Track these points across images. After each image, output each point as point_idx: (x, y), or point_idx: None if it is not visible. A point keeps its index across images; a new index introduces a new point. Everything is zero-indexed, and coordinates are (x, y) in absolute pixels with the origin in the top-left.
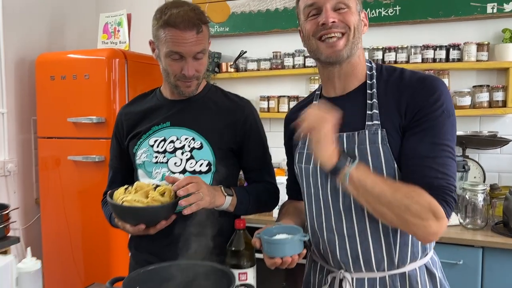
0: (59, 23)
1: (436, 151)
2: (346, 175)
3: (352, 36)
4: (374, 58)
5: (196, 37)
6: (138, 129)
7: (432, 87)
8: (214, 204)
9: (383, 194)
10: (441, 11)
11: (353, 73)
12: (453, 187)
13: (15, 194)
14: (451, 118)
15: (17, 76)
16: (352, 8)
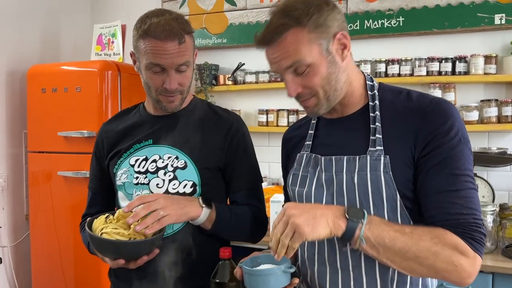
0: (53, 34)
1: (458, 184)
2: (362, 240)
3: (323, 94)
4: (377, 71)
5: (178, 48)
6: (118, 147)
7: (444, 113)
8: (188, 216)
9: (406, 248)
10: (447, 22)
11: (350, 102)
12: (480, 222)
13: (4, 210)
14: (468, 145)
15: (8, 88)
16: (314, 62)
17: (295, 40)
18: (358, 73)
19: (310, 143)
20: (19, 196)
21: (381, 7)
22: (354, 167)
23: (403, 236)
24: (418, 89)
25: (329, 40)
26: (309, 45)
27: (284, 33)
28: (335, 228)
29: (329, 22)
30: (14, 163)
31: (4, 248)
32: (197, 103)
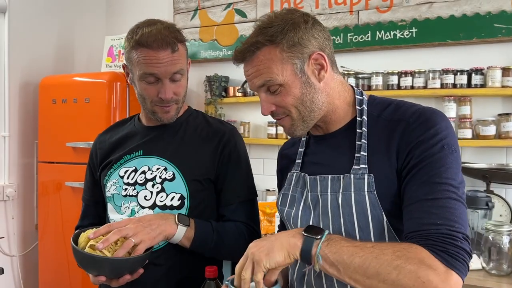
0: (68, 46)
1: (436, 192)
2: (318, 257)
3: (297, 114)
4: (389, 83)
5: (171, 56)
6: (110, 158)
7: (429, 121)
8: (163, 235)
9: (366, 263)
10: (462, 33)
11: (333, 119)
12: (460, 235)
13: (13, 219)
14: (454, 155)
15: (21, 99)
16: (286, 82)
17: (267, 58)
18: (344, 90)
19: (300, 162)
20: (29, 206)
21: (394, 17)
22: (339, 187)
23: (363, 250)
24: (432, 102)
25: (304, 60)
26: (281, 64)
27: (257, 51)
28: (291, 247)
29: (305, 42)
30: (25, 173)
31: (13, 258)
32: (191, 113)
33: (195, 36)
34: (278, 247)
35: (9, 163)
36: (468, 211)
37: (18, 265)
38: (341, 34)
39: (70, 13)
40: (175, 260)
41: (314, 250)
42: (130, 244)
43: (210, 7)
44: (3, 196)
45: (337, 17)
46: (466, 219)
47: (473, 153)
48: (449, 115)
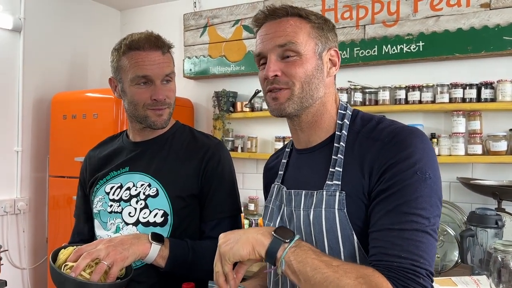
0: (81, 63)
1: (403, 223)
2: (282, 262)
3: (300, 90)
4: (397, 97)
5: (162, 58)
6: (97, 174)
7: (404, 141)
8: (136, 255)
9: (327, 282)
10: (470, 46)
11: (318, 124)
12: (424, 271)
13: (24, 232)
14: (428, 182)
15: (34, 115)
16: (305, 55)
17: (297, 26)
18: (334, 101)
19: (282, 173)
20: (41, 220)
21: (400, 31)
22: (311, 203)
23: (328, 268)
24: (441, 117)
25: (325, 48)
26: (308, 37)
27: (289, 16)
28: (257, 244)
29: (329, 35)
30: (37, 187)
31: (24, 270)
32: (178, 128)
33: (204, 52)
34: (243, 241)
35: (21, 177)
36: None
37: (28, 278)
38: (347, 48)
39: (84, 31)
40: (158, 278)
41: (279, 254)
42: (103, 267)
43: (219, 23)
44: (14, 209)
45: (343, 32)
46: (433, 253)
47: (484, 170)
48: (458, 131)
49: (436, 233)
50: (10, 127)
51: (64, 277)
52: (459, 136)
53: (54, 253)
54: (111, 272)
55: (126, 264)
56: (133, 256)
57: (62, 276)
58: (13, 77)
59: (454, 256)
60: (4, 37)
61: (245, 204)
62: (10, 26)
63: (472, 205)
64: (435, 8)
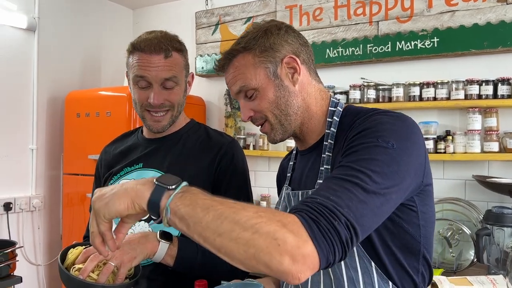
0: (94, 61)
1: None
2: (167, 210)
3: (274, 118)
4: (411, 94)
5: (163, 62)
6: (112, 169)
7: (372, 119)
8: (144, 254)
9: (222, 217)
10: (486, 41)
11: (310, 129)
12: (343, 218)
13: (39, 229)
14: (389, 150)
15: (48, 113)
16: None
17: (242, 64)
18: (322, 99)
19: (289, 175)
20: (55, 217)
21: (414, 27)
22: None
23: (222, 205)
24: (456, 114)
25: (277, 64)
26: (254, 69)
27: (233, 59)
28: (137, 196)
29: (277, 46)
30: (51, 185)
31: (39, 267)
32: (192, 126)
33: (216, 50)
34: (120, 195)
35: (36, 175)
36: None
37: (43, 274)
38: (360, 45)
39: (97, 30)
40: (171, 275)
41: (164, 202)
42: (110, 268)
43: (231, 21)
44: (30, 206)
45: (356, 28)
46: (366, 215)
47: (500, 167)
48: (474, 128)
49: (381, 201)
50: (25, 125)
51: (72, 279)
52: (475, 133)
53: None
54: (119, 273)
55: (134, 264)
56: (141, 256)
57: (70, 278)
58: (28, 76)
59: (470, 255)
60: (19, 37)
61: (257, 201)
62: (25, 26)
63: (488, 203)
64: (450, 3)
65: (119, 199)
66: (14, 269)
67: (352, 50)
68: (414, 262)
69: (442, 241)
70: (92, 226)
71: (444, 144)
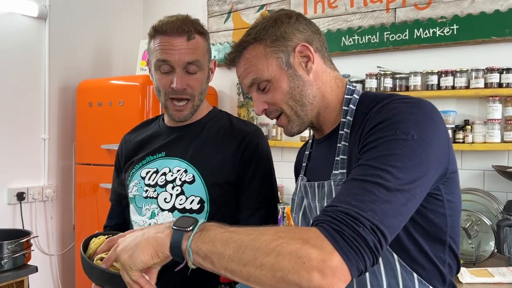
0: (105, 50)
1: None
2: (189, 251)
3: (289, 110)
4: (429, 83)
5: (186, 44)
6: (133, 158)
7: (390, 108)
8: None
9: (242, 247)
10: (508, 28)
11: (325, 118)
12: (367, 222)
13: (52, 219)
14: (409, 142)
15: (60, 103)
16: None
17: (253, 56)
18: (338, 87)
19: (305, 165)
20: (68, 207)
21: (433, 14)
22: (324, 194)
23: (240, 234)
24: (475, 103)
25: (289, 53)
26: (266, 60)
27: (243, 51)
28: (158, 245)
29: (288, 35)
30: (64, 175)
31: (52, 257)
32: (215, 114)
33: (229, 39)
34: (142, 246)
35: (49, 165)
36: None
37: (56, 264)
38: (377, 33)
39: (107, 18)
40: None
41: (184, 244)
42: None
43: (243, 9)
44: (42, 196)
45: (373, 16)
46: (392, 215)
47: None
48: (494, 117)
49: (406, 197)
50: (36, 115)
51: (95, 268)
52: (495, 122)
53: (85, 242)
54: None
55: None
56: None
57: (93, 267)
58: (39, 65)
59: (490, 246)
60: (30, 25)
61: None
62: (36, 14)
63: (508, 194)
64: None
65: (143, 251)
66: (29, 259)
67: (369, 38)
68: (440, 253)
69: (461, 232)
70: (125, 277)
71: (462, 134)
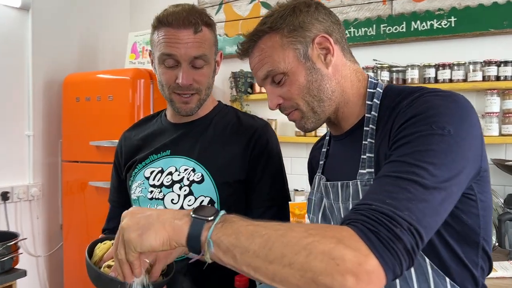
0: (92, 43)
1: (403, 172)
2: (209, 243)
3: (306, 106)
4: (426, 76)
5: (193, 37)
6: (135, 157)
7: (423, 101)
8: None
9: (269, 242)
10: (506, 21)
11: (345, 115)
12: (405, 224)
13: (38, 219)
14: (446, 137)
15: (45, 98)
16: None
17: (268, 46)
18: (358, 80)
19: (322, 163)
20: (54, 206)
21: (430, 7)
22: (349, 195)
23: (267, 229)
24: (473, 96)
25: (307, 44)
26: (282, 51)
27: (258, 41)
28: (175, 232)
29: (307, 25)
30: (49, 173)
31: (38, 258)
32: (221, 109)
33: (220, 31)
34: (156, 229)
35: (34, 163)
36: None
37: (43, 265)
38: (373, 25)
39: (94, 10)
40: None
41: (204, 235)
42: (145, 264)
43: (235, 0)
44: (28, 196)
45: (369, 8)
46: (428, 215)
47: None
48: (492, 110)
49: (442, 196)
50: (20, 110)
51: (103, 276)
52: (493, 116)
53: (90, 248)
54: (154, 270)
55: (170, 260)
56: (176, 251)
57: (100, 276)
58: (22, 58)
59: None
60: (13, 16)
61: None
62: (19, 4)
63: (506, 187)
64: None
65: (156, 234)
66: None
67: (365, 30)
68: (473, 256)
69: None
70: (120, 254)
71: None
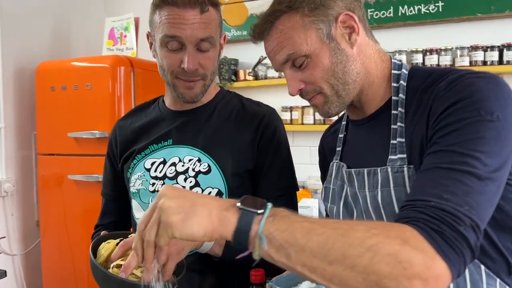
0: (64, 29)
1: (456, 163)
2: (261, 238)
3: (330, 89)
4: (413, 62)
5: (199, 18)
6: (133, 148)
7: (466, 84)
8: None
9: (329, 242)
10: (493, 6)
11: (369, 98)
12: (467, 220)
13: (13, 216)
14: (495, 123)
15: (16, 87)
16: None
17: (288, 27)
18: (382, 61)
19: (340, 149)
20: (29, 202)
21: None
22: (377, 182)
23: (324, 227)
24: None
25: (331, 24)
26: (304, 31)
27: (275, 22)
28: (220, 223)
29: (329, 3)
30: (23, 167)
31: (14, 257)
32: (224, 95)
33: None
34: (202, 217)
35: (6, 156)
36: None
37: (20, 264)
38: None
39: None
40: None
41: (255, 229)
42: (157, 264)
43: None
44: (1, 192)
45: None
46: (485, 207)
47: None
48: None
49: (496, 186)
50: None
51: (112, 278)
52: None
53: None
54: (167, 269)
55: (182, 256)
56: (189, 246)
57: (109, 277)
58: None
59: None
60: None
61: None
62: None
63: None
64: None
65: (200, 222)
66: None
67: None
68: (508, 242)
69: None
70: (149, 235)
71: None
